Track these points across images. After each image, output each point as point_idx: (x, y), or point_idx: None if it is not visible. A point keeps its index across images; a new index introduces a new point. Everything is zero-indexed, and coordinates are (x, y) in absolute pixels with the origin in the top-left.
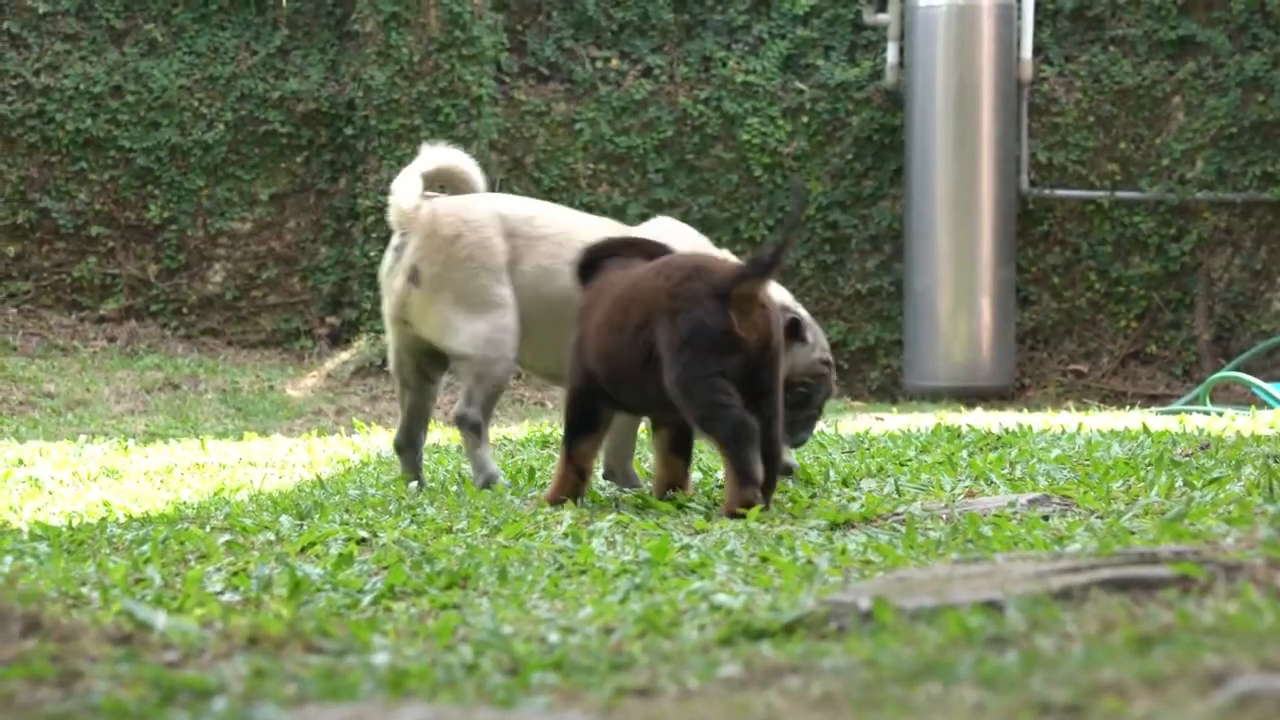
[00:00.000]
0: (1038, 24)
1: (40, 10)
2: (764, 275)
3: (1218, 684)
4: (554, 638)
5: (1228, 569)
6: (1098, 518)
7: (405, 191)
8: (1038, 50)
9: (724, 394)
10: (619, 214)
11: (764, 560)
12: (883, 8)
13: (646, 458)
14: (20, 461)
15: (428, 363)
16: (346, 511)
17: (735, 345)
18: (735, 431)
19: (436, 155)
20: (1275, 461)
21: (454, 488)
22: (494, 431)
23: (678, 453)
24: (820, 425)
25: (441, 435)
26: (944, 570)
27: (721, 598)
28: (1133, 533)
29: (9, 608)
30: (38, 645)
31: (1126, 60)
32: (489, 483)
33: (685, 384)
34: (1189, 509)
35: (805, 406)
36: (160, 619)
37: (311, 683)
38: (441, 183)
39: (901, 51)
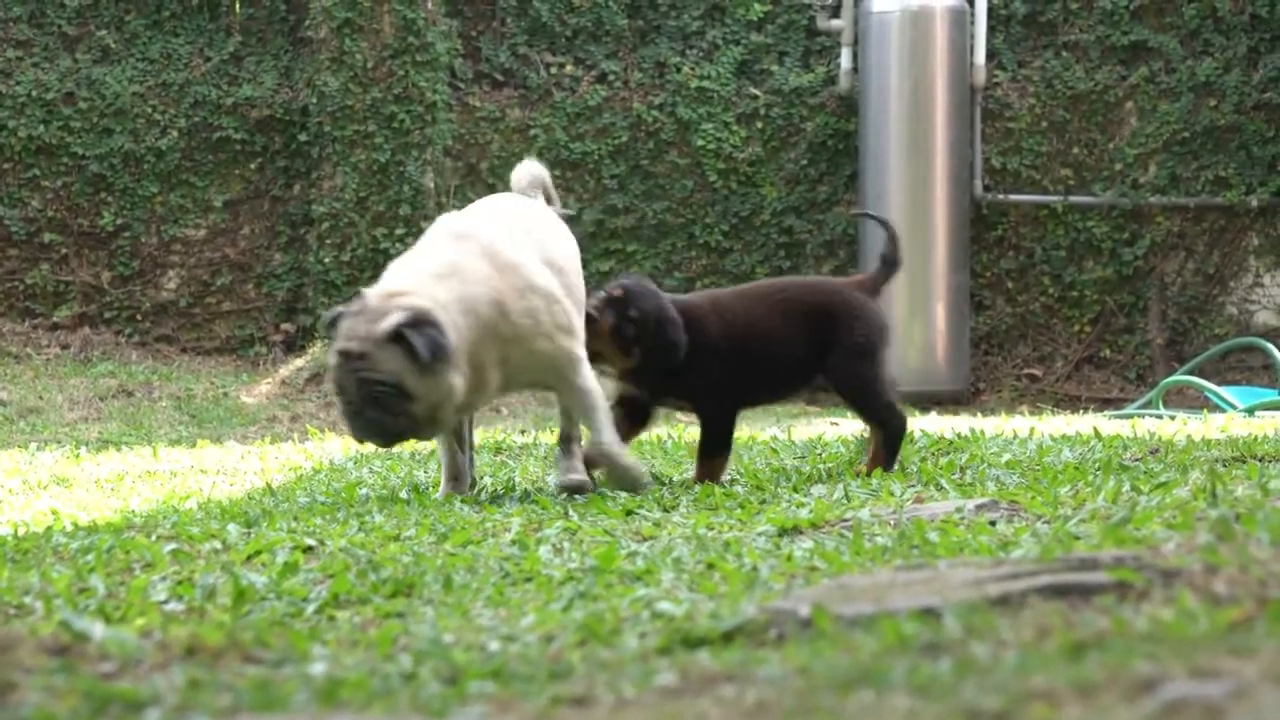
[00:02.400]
0: (991, 29)
1: None
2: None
3: (1148, 691)
4: (494, 646)
5: (1166, 574)
6: (1044, 523)
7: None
8: (991, 55)
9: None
10: (572, 221)
11: (710, 567)
12: (836, 14)
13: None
14: None
15: None
16: (294, 519)
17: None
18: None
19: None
20: (1222, 466)
21: (403, 493)
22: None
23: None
24: (774, 430)
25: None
26: (886, 577)
27: (664, 605)
28: (1078, 538)
29: None
30: None
31: (1079, 65)
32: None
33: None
34: (1133, 514)
35: None
36: (98, 629)
37: (246, 693)
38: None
39: (855, 57)
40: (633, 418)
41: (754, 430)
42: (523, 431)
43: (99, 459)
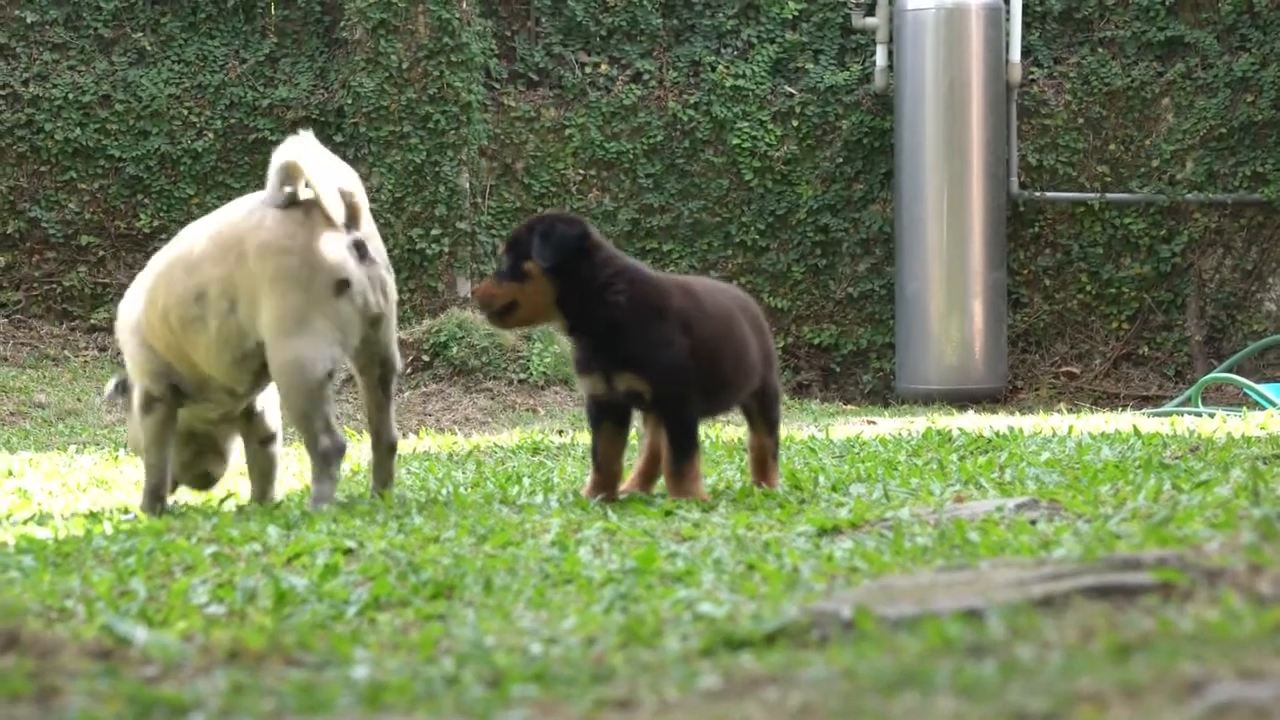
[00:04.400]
0: (1026, 26)
1: (28, 20)
2: None
3: (1195, 692)
4: (536, 649)
5: (1210, 574)
6: (1085, 522)
7: None
8: (1027, 53)
9: None
10: (610, 219)
11: (750, 568)
12: (871, 11)
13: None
14: (10, 472)
15: None
16: (333, 521)
17: None
18: None
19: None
20: (1263, 464)
21: (441, 495)
22: (485, 439)
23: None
24: (811, 430)
25: (433, 443)
26: (927, 578)
27: (706, 607)
28: (1119, 537)
29: None
30: (16, 661)
31: (1115, 62)
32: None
33: None
34: (1175, 513)
35: None
36: (140, 634)
37: (289, 697)
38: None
39: (890, 55)
40: (616, 424)
41: (792, 430)
42: (560, 432)
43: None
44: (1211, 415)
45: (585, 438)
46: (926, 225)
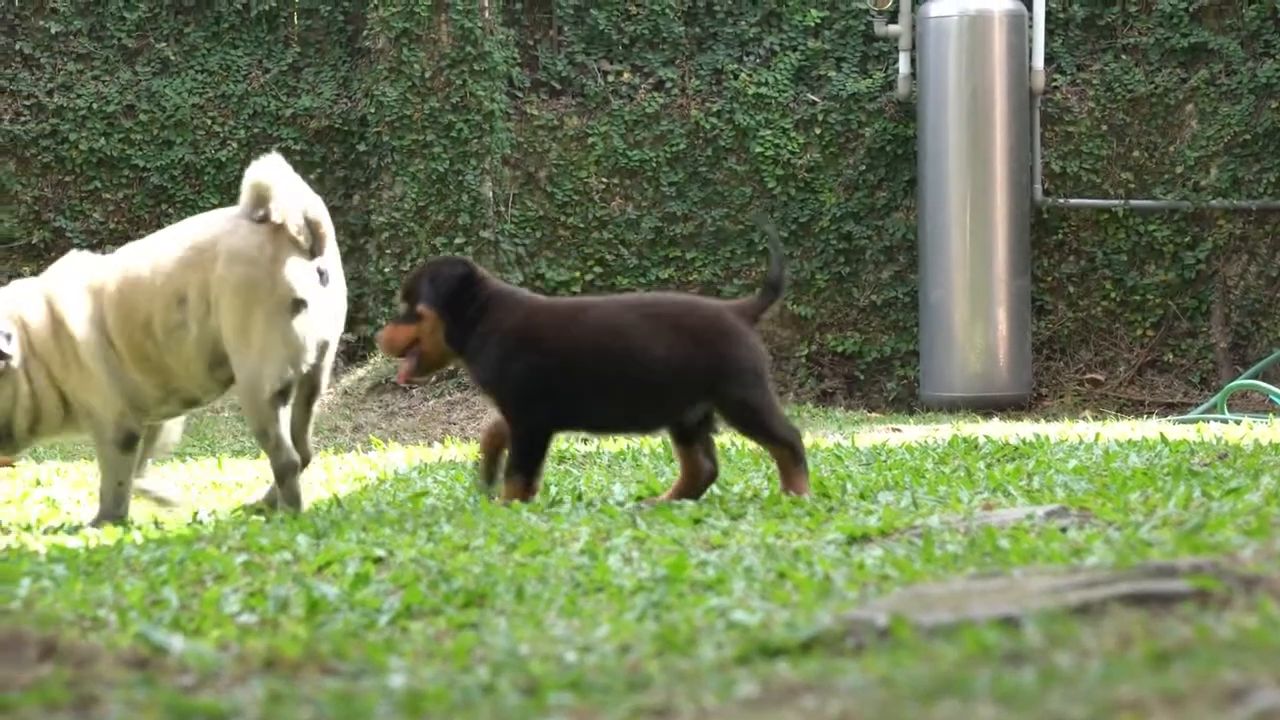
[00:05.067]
0: (1049, 33)
1: (52, 30)
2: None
3: (1237, 700)
4: (571, 657)
5: (1246, 582)
6: (1115, 530)
7: None
8: (1050, 59)
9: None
10: (633, 227)
11: (781, 576)
12: (894, 19)
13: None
14: (38, 482)
15: None
16: (363, 530)
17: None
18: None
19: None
20: None
21: (469, 503)
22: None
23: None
24: (837, 438)
25: (458, 451)
26: (961, 585)
27: (739, 615)
28: (1150, 545)
29: (25, 632)
30: (54, 670)
31: (1139, 68)
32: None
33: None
34: (1207, 520)
35: None
36: (176, 642)
37: (327, 706)
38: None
39: (913, 62)
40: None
41: (817, 438)
42: (584, 440)
43: (164, 470)
44: (1238, 422)
45: (609, 445)
46: (950, 232)
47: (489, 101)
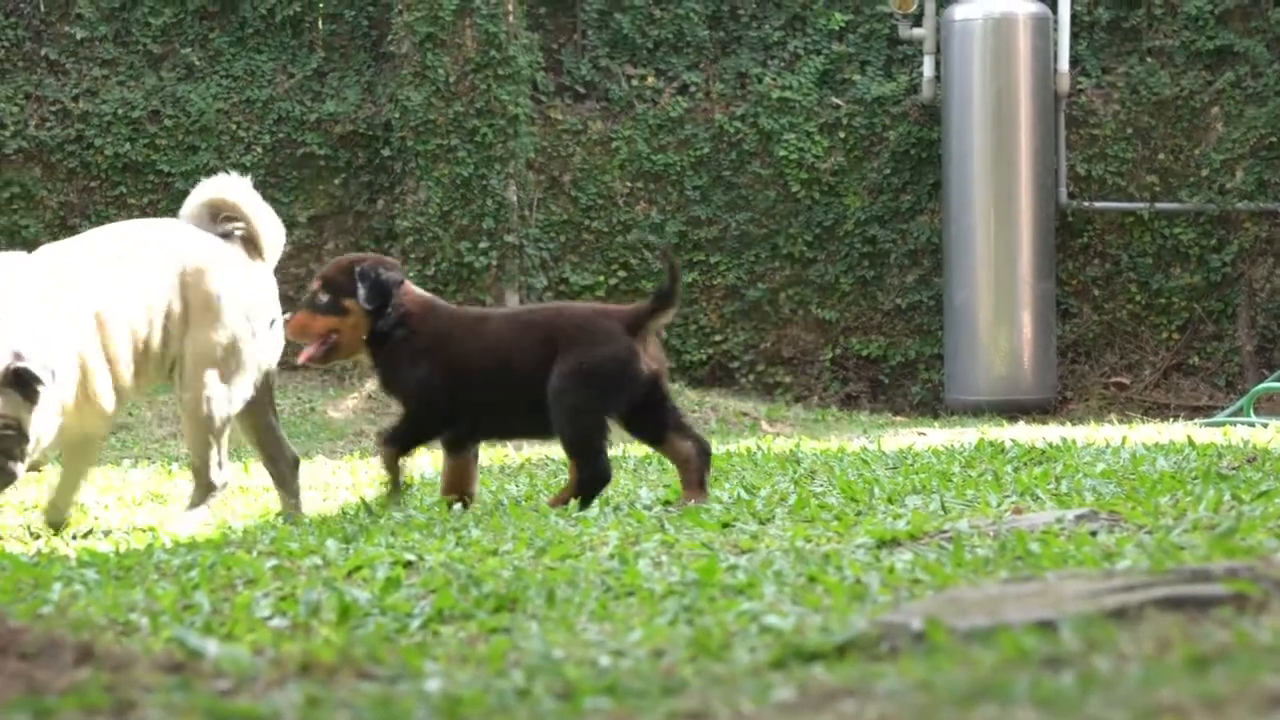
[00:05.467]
0: (1074, 36)
1: (78, 36)
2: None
3: (1278, 705)
4: (605, 661)
5: None
6: (1146, 534)
7: None
8: (1075, 62)
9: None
10: (657, 231)
11: (811, 580)
12: (918, 22)
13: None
14: None
15: None
16: (392, 534)
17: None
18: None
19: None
20: None
21: (497, 507)
22: (537, 451)
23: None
24: (863, 441)
25: (484, 456)
26: (995, 589)
27: (771, 619)
28: (1182, 548)
29: (61, 637)
30: (91, 675)
31: (1164, 71)
32: None
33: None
34: (1239, 524)
35: None
36: (212, 647)
37: (365, 711)
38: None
39: (938, 65)
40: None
41: (843, 441)
42: (610, 444)
43: (189, 474)
44: (1265, 425)
45: (636, 450)
46: (975, 236)
47: (513, 106)
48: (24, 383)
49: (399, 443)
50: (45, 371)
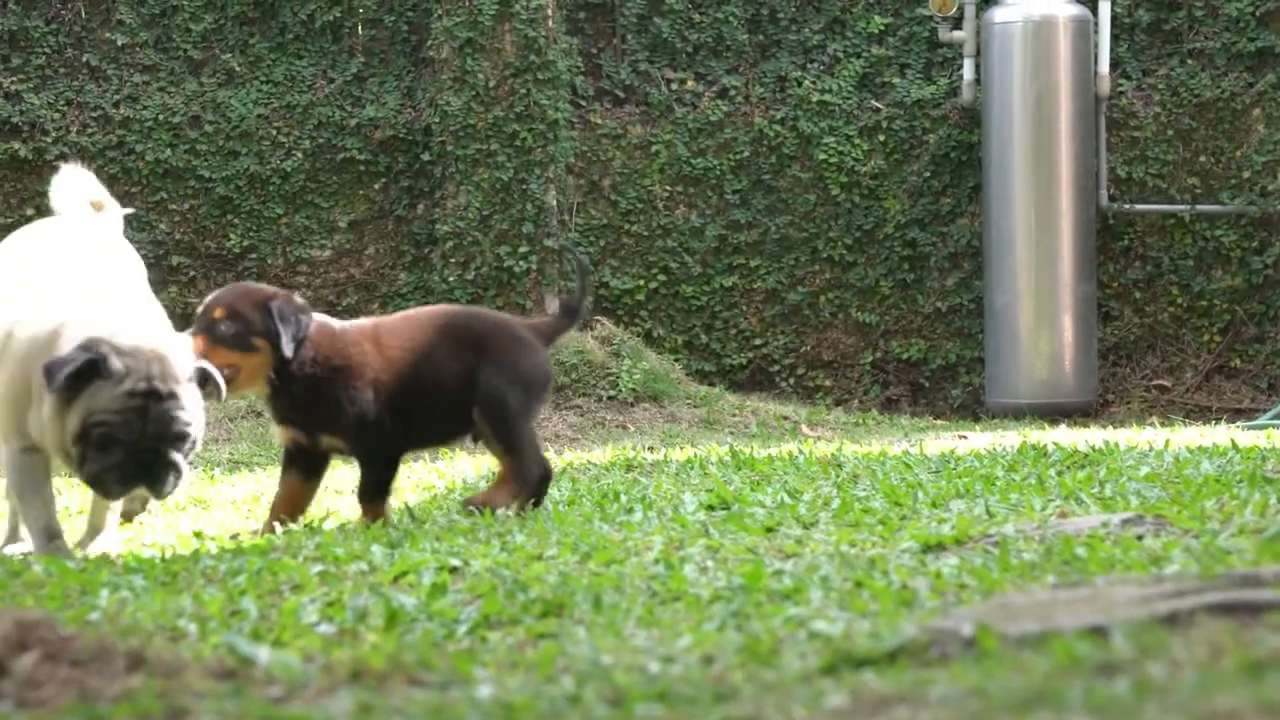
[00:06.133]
0: (1115, 38)
1: (119, 42)
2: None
3: None
4: (654, 668)
5: None
6: (1193, 538)
7: None
8: (1115, 64)
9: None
10: (697, 235)
11: (858, 585)
12: (958, 25)
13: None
14: None
15: None
16: (436, 540)
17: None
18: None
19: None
20: None
21: (542, 511)
22: (578, 455)
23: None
24: (904, 445)
25: None
26: (1045, 595)
27: (820, 625)
28: (1230, 553)
29: (111, 643)
30: (143, 682)
31: (1205, 73)
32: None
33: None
34: None
35: None
36: (263, 653)
37: (419, 718)
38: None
39: (978, 68)
40: (306, 469)
41: (885, 445)
42: (651, 448)
43: (233, 480)
44: None
45: (677, 454)
46: (1015, 238)
47: (553, 110)
48: (205, 383)
49: (378, 490)
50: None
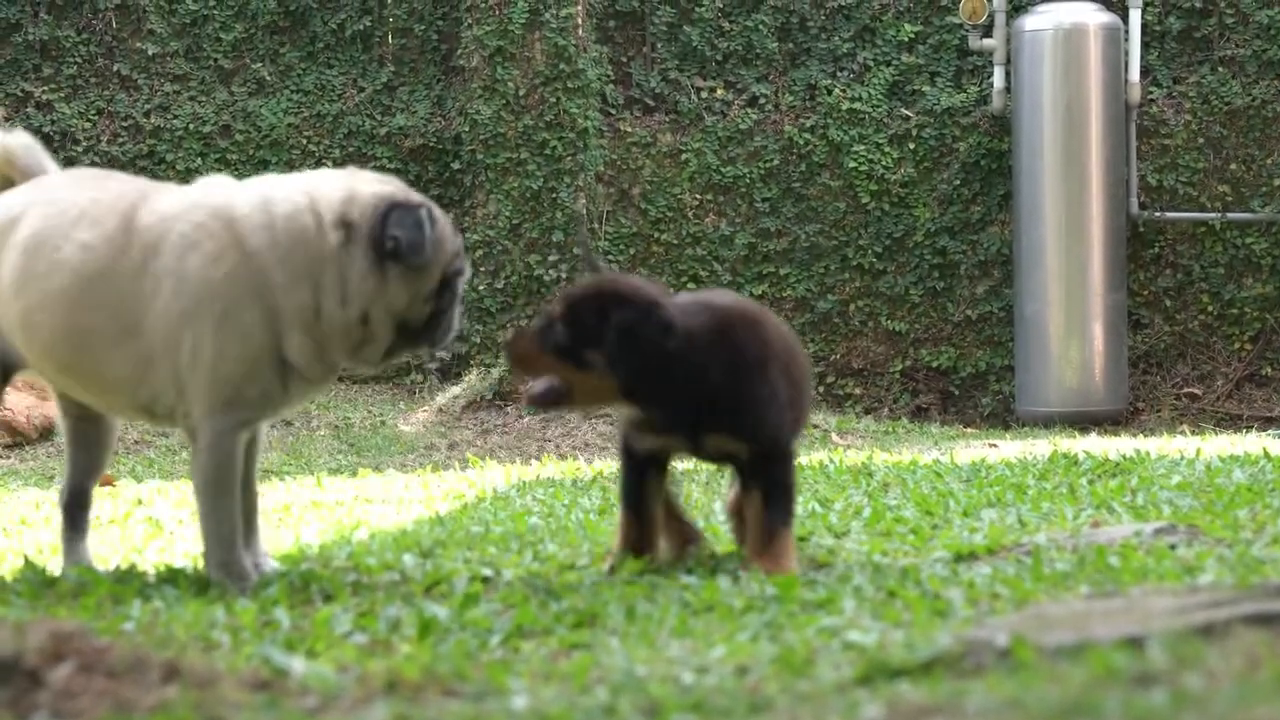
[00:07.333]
0: (1145, 46)
1: (149, 52)
2: None
3: None
4: (689, 678)
5: None
6: (1226, 547)
7: None
8: (1146, 72)
9: None
10: (726, 244)
11: (891, 594)
12: (988, 33)
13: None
14: (140, 501)
15: None
16: (468, 549)
17: None
18: None
19: None
20: None
21: (572, 520)
22: (609, 464)
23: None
24: (935, 453)
25: (555, 469)
26: (1080, 605)
27: (854, 635)
28: (1264, 563)
29: (146, 654)
30: (179, 693)
31: (1236, 81)
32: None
33: None
34: None
35: None
36: (298, 664)
37: None
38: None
39: (1008, 76)
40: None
41: (915, 454)
42: (681, 458)
43: (263, 489)
44: None
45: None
46: (1045, 246)
47: (582, 119)
48: None
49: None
50: None
